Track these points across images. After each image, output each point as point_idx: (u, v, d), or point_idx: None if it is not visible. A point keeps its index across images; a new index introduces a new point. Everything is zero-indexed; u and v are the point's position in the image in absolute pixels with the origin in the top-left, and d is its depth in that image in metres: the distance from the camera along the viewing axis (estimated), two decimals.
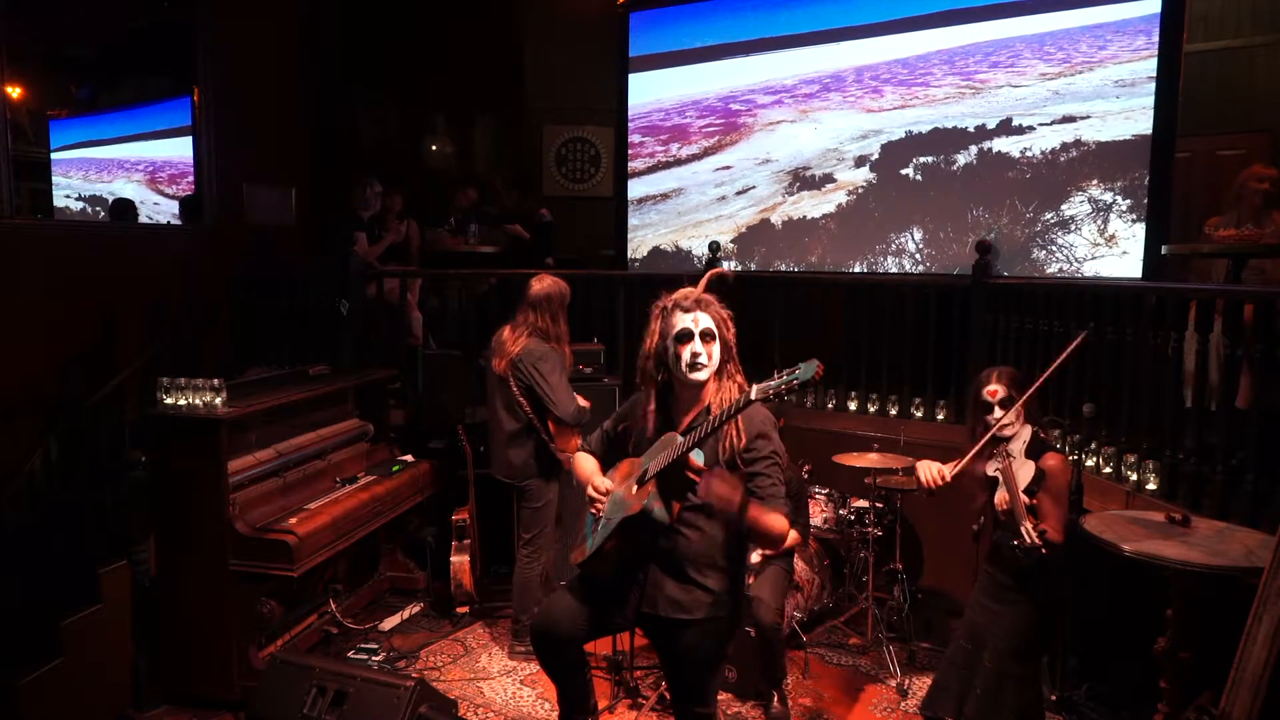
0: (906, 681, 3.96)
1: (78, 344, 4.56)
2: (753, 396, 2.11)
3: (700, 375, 2.43)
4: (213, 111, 5.67)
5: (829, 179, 5.90)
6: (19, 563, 3.66)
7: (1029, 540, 2.59)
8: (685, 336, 2.42)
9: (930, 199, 5.55)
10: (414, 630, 4.54)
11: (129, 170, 6.29)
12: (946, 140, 5.48)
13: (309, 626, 4.20)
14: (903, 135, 5.64)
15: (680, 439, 2.35)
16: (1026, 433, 2.91)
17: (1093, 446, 3.85)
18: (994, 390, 2.91)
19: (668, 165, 6.48)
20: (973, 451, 2.91)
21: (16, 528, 3.75)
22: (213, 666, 3.67)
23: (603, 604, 2.56)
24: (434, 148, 7.76)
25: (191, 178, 5.84)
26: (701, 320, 2.43)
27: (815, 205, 5.95)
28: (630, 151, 6.55)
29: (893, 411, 5.05)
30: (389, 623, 4.56)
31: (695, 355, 2.41)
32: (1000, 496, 2.82)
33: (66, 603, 3.59)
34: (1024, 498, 2.71)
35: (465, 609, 4.65)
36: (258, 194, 6.03)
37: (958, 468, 2.91)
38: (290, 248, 6.20)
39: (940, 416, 4.93)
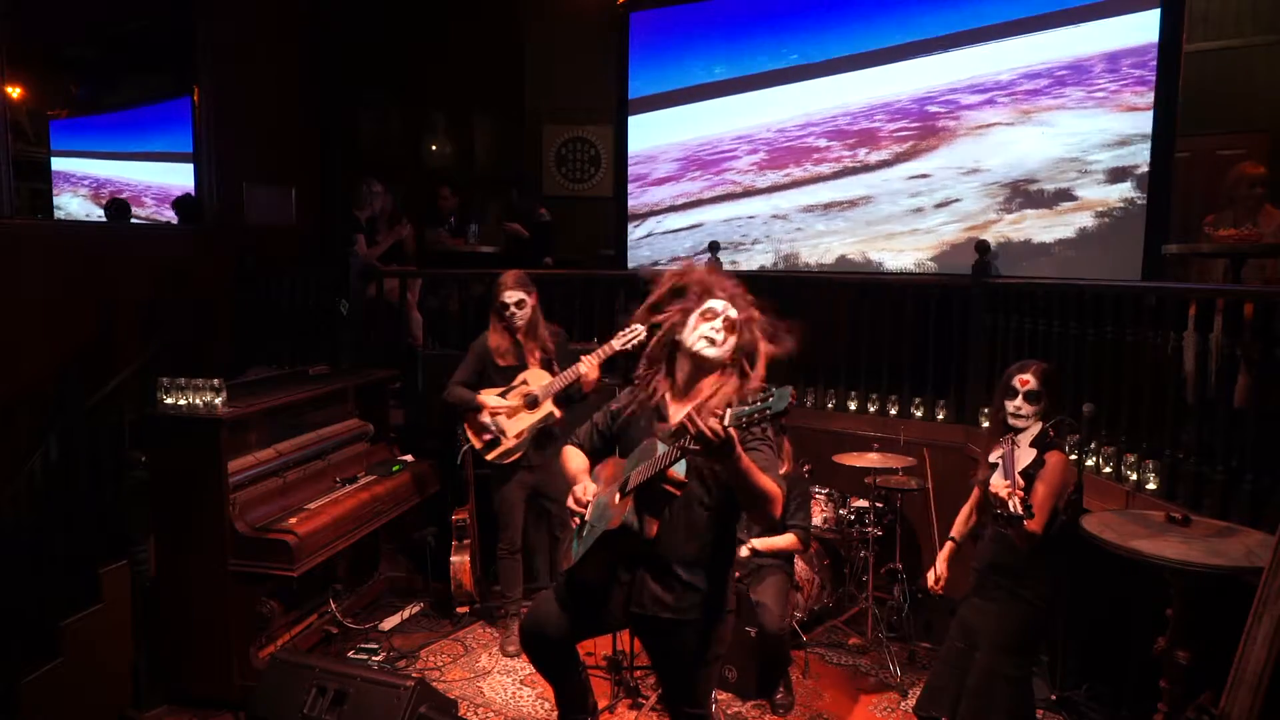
0: (906, 681, 3.96)
1: (78, 344, 4.56)
2: (726, 423, 2.04)
3: (709, 351, 2.37)
4: (212, 111, 5.67)
5: (1065, 196, 4.90)
6: (19, 563, 3.66)
7: (1014, 510, 2.62)
8: (710, 314, 2.40)
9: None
10: (414, 630, 4.55)
11: (75, 184, 6.23)
12: None
13: (309, 626, 4.20)
14: None
15: (661, 449, 2.26)
16: (1037, 428, 2.96)
17: (1093, 446, 3.85)
18: (1025, 379, 2.96)
19: (855, 171, 5.86)
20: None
21: (16, 528, 3.76)
22: (213, 666, 3.68)
23: (590, 604, 2.55)
24: (434, 148, 7.76)
25: (126, 195, 5.91)
26: (730, 310, 2.40)
27: (1046, 227, 4.99)
28: (816, 155, 6.08)
29: (893, 411, 5.05)
30: (389, 623, 4.56)
31: (714, 331, 2.38)
32: (995, 478, 2.84)
33: (66, 603, 3.59)
34: (1019, 478, 2.75)
35: (465, 609, 4.65)
36: (258, 194, 6.03)
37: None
38: (290, 248, 6.20)
39: (940, 416, 4.93)
